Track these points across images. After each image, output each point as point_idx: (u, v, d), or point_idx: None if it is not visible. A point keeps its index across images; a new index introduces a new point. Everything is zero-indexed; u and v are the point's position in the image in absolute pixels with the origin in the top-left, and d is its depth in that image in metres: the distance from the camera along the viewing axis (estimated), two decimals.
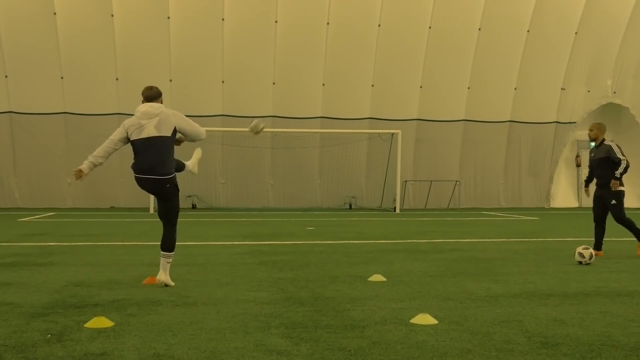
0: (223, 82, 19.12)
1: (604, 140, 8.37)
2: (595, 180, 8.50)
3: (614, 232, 11.91)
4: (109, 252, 8.40)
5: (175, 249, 5.86)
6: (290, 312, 4.69)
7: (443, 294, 5.47)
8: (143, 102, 5.77)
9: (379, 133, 19.66)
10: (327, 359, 3.55)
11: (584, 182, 8.78)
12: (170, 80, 18.90)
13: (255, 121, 6.32)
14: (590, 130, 8.53)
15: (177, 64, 18.80)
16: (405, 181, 20.22)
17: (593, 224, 8.60)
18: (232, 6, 18.64)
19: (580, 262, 7.40)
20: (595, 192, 8.46)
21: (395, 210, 18.76)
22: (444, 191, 20.63)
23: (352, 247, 9.18)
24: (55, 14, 18.15)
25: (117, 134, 5.74)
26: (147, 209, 17.85)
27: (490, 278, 6.38)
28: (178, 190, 5.83)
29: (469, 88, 20.32)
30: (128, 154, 21.13)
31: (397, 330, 4.15)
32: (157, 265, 7.14)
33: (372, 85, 19.86)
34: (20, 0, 18.10)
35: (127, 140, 5.74)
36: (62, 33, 18.27)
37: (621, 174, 8.28)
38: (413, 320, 4.38)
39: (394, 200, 19.08)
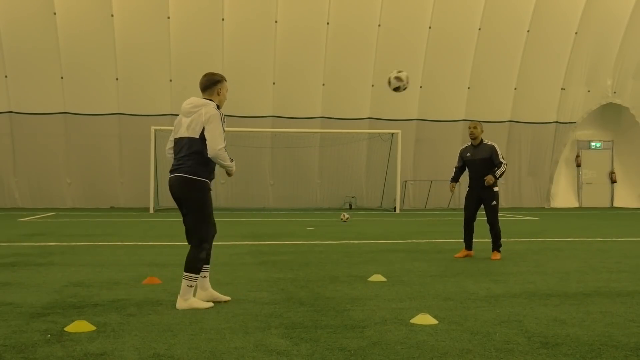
0: None
1: None
2: None
3: (615, 232, 11.92)
4: (109, 252, 8.36)
5: (198, 272, 4.90)
6: (290, 312, 4.68)
7: (443, 294, 5.46)
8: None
9: (379, 133, 19.65)
10: (327, 359, 3.54)
11: None
12: (170, 80, 18.89)
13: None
14: None
15: (177, 64, 18.78)
16: (405, 181, 20.21)
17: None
18: (232, 6, 18.63)
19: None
20: None
21: (395, 210, 18.74)
22: (444, 191, 20.56)
23: (352, 247, 9.17)
24: (55, 14, 18.13)
25: (171, 136, 5.17)
26: (147, 209, 17.84)
27: (490, 278, 6.37)
28: (204, 200, 4.90)
29: (469, 88, 20.31)
30: (128, 155, 20.94)
31: (397, 330, 4.15)
32: (157, 265, 7.18)
33: (372, 85, 19.83)
34: (20, 0, 18.08)
35: None
36: (62, 33, 18.26)
37: None
38: (413, 321, 4.37)
39: (394, 200, 19.06)
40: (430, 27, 19.48)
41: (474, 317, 4.54)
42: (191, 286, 4.88)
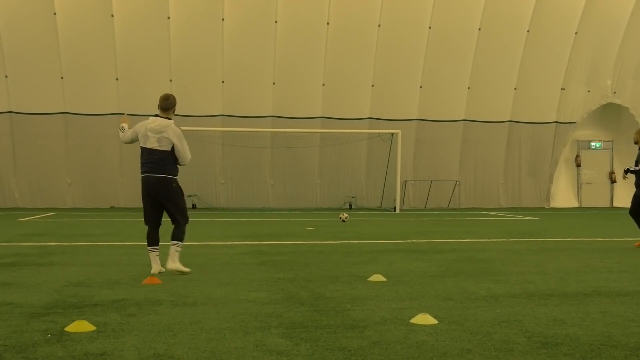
0: (223, 82, 19.10)
1: None
2: None
3: (615, 232, 11.92)
4: (109, 252, 8.37)
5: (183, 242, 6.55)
6: (290, 312, 4.67)
7: (443, 294, 5.44)
8: (158, 108, 6.52)
9: (378, 133, 19.62)
10: (327, 359, 3.54)
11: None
12: (170, 81, 18.85)
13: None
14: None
15: (177, 64, 18.76)
16: (405, 181, 20.19)
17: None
18: (232, 6, 18.61)
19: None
20: None
21: (395, 210, 18.71)
22: (444, 191, 20.59)
23: (352, 247, 9.13)
24: (55, 14, 18.10)
25: (130, 132, 6.67)
26: None
27: (490, 278, 6.35)
28: (182, 192, 6.63)
29: (469, 88, 20.27)
30: (127, 155, 20.92)
31: (397, 330, 4.14)
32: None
33: (372, 85, 19.82)
34: (20, 0, 18.06)
35: (136, 140, 6.65)
36: (62, 33, 18.22)
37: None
38: (413, 320, 4.37)
39: (394, 200, 19.02)
40: (430, 27, 19.45)
41: (474, 317, 4.53)
42: (178, 251, 6.47)
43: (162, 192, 6.45)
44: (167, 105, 6.49)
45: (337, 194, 20.07)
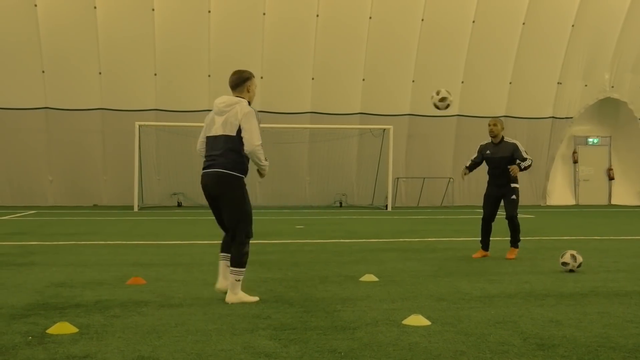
0: (209, 76, 18.85)
1: None
2: None
3: (613, 231, 11.93)
4: (92, 252, 8.28)
5: (244, 266, 5.05)
6: (278, 313, 4.65)
7: (436, 295, 5.42)
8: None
9: (370, 129, 19.47)
10: None
11: None
12: (155, 75, 18.59)
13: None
14: None
15: (162, 58, 18.47)
16: (397, 178, 20.07)
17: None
18: None
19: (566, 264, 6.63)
20: None
21: (386, 208, 18.58)
22: (437, 188, 20.45)
23: (342, 246, 9.13)
24: (36, 5, 17.70)
25: (202, 133, 5.30)
26: (131, 207, 17.61)
27: (484, 278, 6.32)
28: (243, 197, 5.10)
29: (462, 82, 20.07)
30: (111, 151, 20.57)
31: (388, 331, 4.11)
32: (141, 265, 7.11)
33: (363, 80, 19.63)
34: None
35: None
36: (43, 25, 17.85)
37: None
38: (405, 322, 4.34)
39: (386, 197, 18.89)
40: (422, 20, 19.25)
41: (468, 318, 4.51)
42: (239, 280, 5.03)
43: (218, 193, 5.15)
44: (234, 81, 5.16)
45: (327, 191, 19.90)
